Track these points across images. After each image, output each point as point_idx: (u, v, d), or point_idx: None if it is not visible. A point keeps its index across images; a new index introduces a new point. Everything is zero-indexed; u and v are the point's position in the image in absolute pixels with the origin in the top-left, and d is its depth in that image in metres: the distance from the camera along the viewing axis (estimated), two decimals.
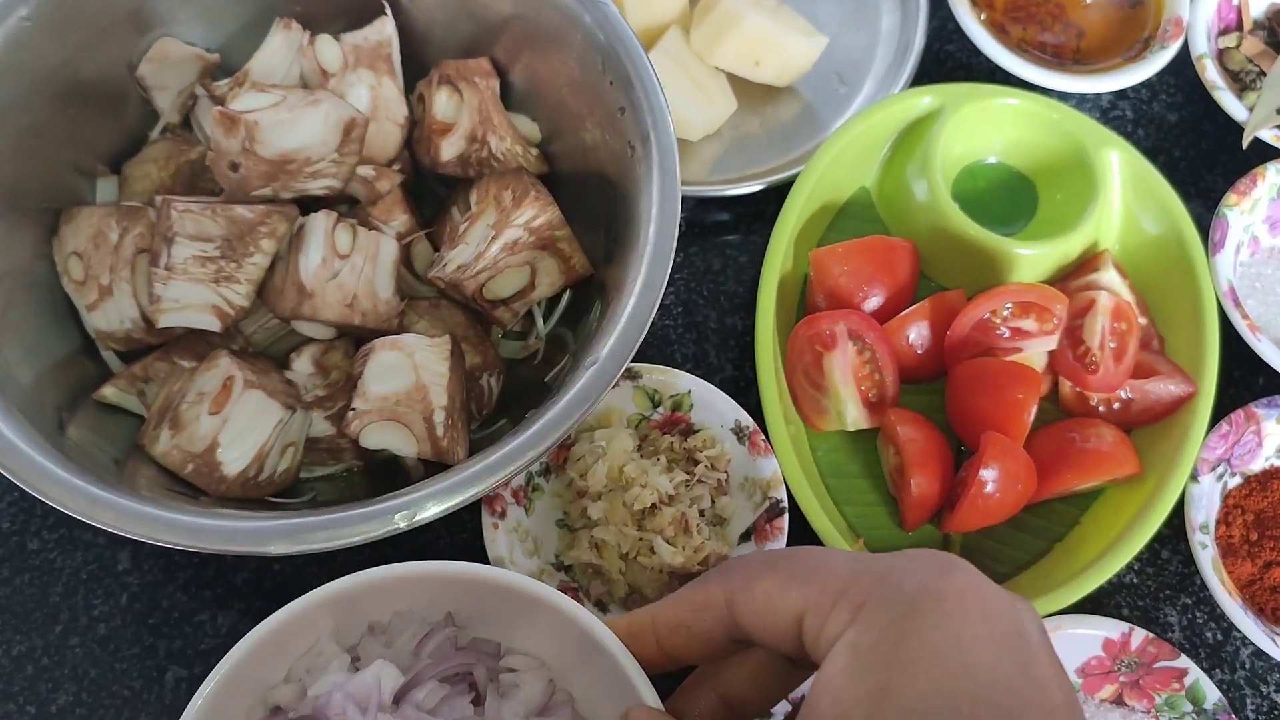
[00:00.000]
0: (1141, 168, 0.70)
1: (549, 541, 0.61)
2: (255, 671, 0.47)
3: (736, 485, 0.61)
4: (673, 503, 0.59)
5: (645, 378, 0.62)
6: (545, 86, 0.64)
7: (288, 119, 0.57)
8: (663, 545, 0.57)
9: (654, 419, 0.63)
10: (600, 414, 0.62)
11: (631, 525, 0.58)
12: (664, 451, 0.61)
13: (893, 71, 0.76)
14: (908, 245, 0.68)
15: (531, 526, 0.60)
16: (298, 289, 0.56)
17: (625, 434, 0.60)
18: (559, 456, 0.62)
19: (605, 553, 0.58)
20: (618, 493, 0.59)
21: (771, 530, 0.59)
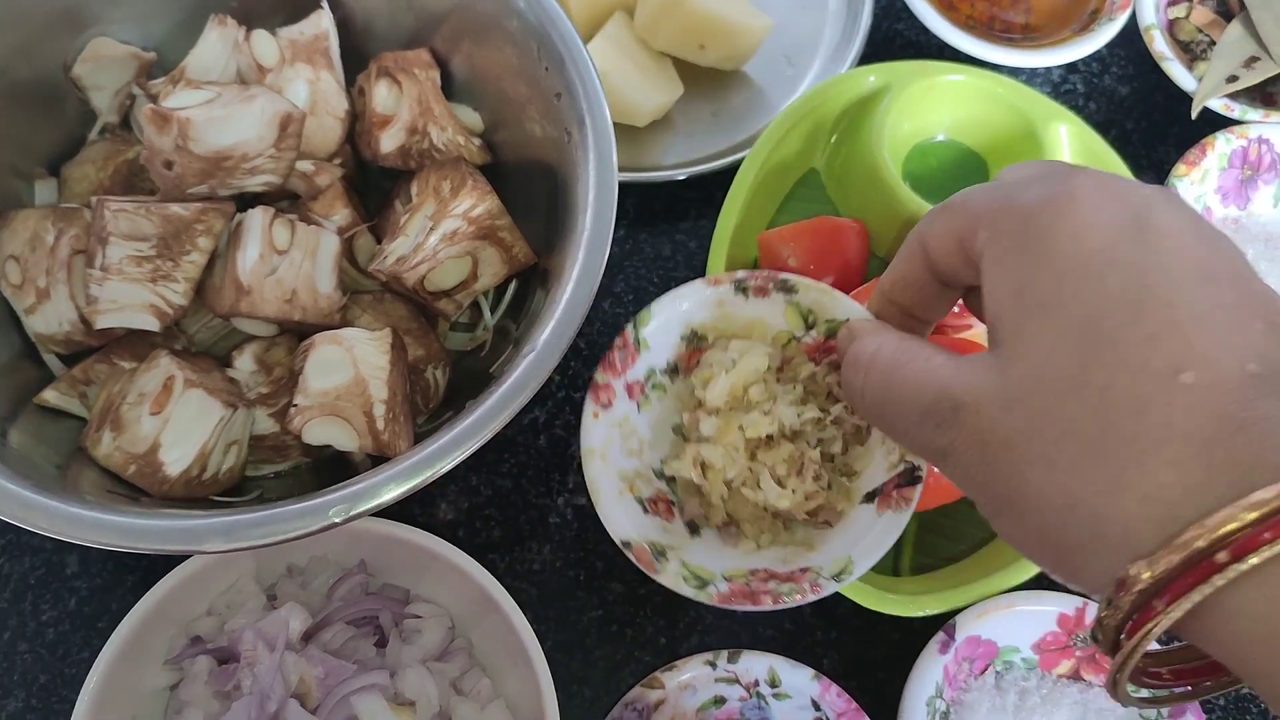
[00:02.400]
0: (1091, 140, 0.70)
1: (659, 445, 0.54)
2: (180, 603, 0.53)
3: (878, 437, 0.51)
4: (795, 439, 0.51)
5: (801, 294, 0.52)
6: (486, 76, 0.64)
7: (222, 116, 0.56)
8: (769, 482, 0.51)
9: (805, 341, 0.53)
10: (745, 325, 0.54)
11: (744, 452, 0.51)
12: (804, 380, 0.52)
13: (840, 51, 0.75)
14: (856, 225, 0.68)
15: (641, 425, 0.54)
16: (236, 286, 0.55)
17: (762, 351, 0.52)
18: (691, 359, 0.55)
19: (710, 474, 0.52)
20: (737, 413, 0.52)
21: (899, 498, 0.48)
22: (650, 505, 0.53)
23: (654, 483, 0.54)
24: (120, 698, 0.50)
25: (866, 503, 0.50)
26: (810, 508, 0.51)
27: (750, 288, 0.53)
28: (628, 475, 0.53)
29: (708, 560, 0.50)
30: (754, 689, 0.57)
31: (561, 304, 0.52)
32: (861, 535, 0.49)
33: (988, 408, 0.35)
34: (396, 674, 0.51)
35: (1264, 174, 0.71)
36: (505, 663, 0.53)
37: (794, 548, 0.51)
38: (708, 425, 0.52)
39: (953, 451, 0.36)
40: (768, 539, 0.52)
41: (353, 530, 0.53)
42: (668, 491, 0.54)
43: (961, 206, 0.38)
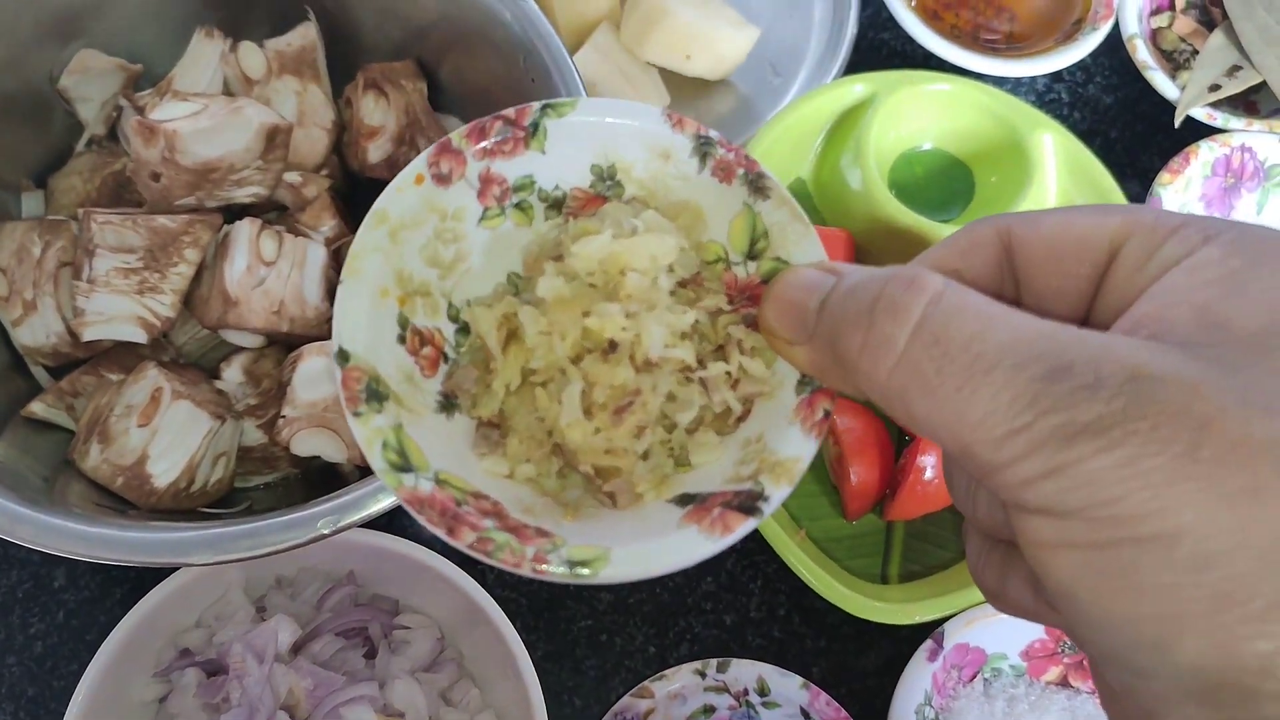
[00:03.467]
0: (1075, 150, 0.70)
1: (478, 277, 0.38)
2: (169, 615, 0.53)
3: (741, 436, 0.36)
4: (643, 372, 0.36)
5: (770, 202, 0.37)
6: (472, 87, 0.64)
7: (209, 127, 0.56)
8: (574, 399, 0.35)
9: (735, 268, 0.37)
10: (677, 205, 0.38)
11: (570, 346, 0.36)
12: (703, 309, 0.36)
13: (826, 61, 0.76)
14: (842, 234, 0.68)
15: (473, 237, 0.38)
16: (223, 298, 0.56)
17: (675, 242, 0.36)
18: (589, 204, 0.39)
19: (512, 348, 0.37)
20: (595, 295, 0.36)
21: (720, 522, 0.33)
22: (412, 338, 0.37)
23: (440, 318, 0.38)
24: (109, 710, 0.50)
25: (676, 505, 0.35)
26: (605, 463, 0.36)
27: (714, 156, 0.38)
28: (409, 282, 0.37)
29: (432, 448, 0.35)
30: (743, 697, 0.57)
31: None
32: (644, 537, 0.34)
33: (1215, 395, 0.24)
34: (386, 685, 0.51)
35: (1247, 182, 0.72)
36: (494, 673, 0.53)
37: (549, 501, 0.36)
38: (550, 285, 0.36)
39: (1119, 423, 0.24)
40: (528, 470, 0.37)
41: (341, 541, 0.53)
42: (449, 340, 0.38)
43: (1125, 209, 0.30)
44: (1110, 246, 0.29)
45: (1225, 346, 0.25)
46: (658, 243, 0.36)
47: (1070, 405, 0.24)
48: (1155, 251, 0.28)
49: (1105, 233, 0.29)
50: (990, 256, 0.31)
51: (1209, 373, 0.24)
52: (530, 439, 0.36)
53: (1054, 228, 0.30)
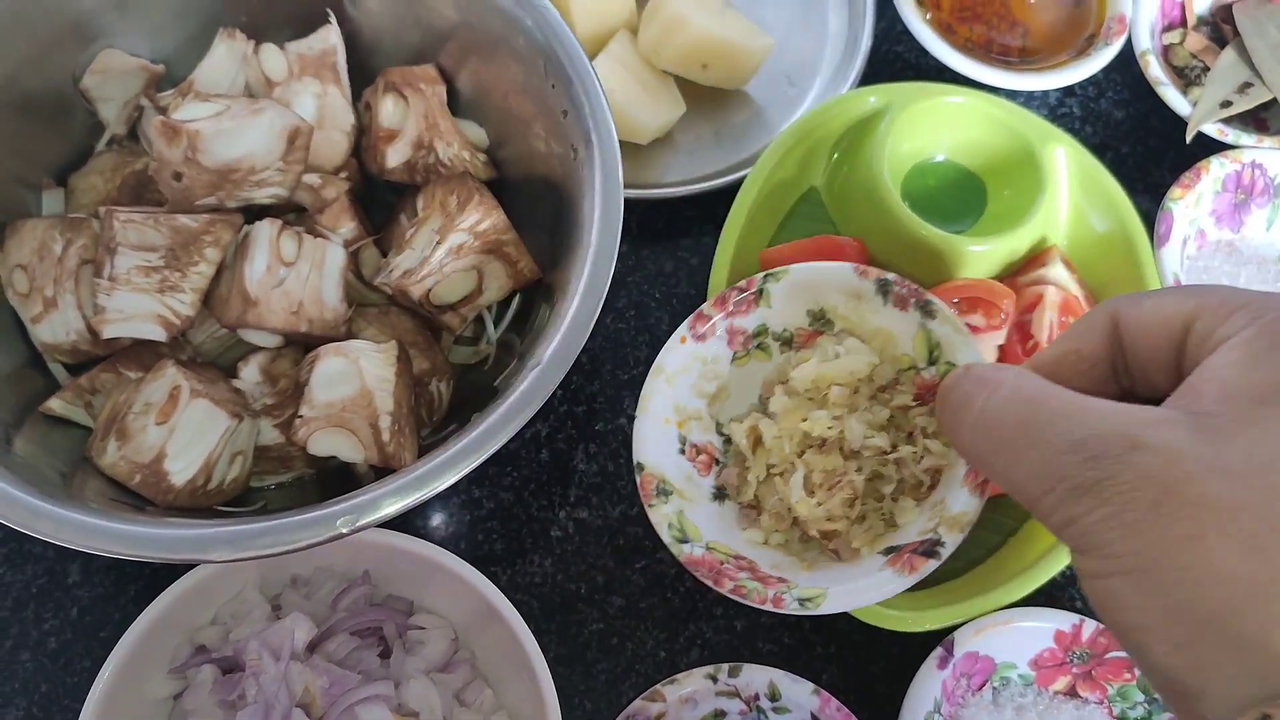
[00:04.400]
0: (1087, 163, 0.71)
1: (735, 402, 0.53)
2: (185, 613, 0.53)
3: (931, 501, 0.48)
4: (849, 458, 0.49)
5: (938, 321, 0.49)
6: (492, 92, 0.64)
7: (231, 128, 0.57)
8: (798, 483, 0.48)
9: (922, 375, 0.49)
10: (872, 331, 0.51)
11: (794, 444, 0.49)
12: (894, 407, 0.49)
13: (841, 72, 0.76)
14: (855, 244, 0.68)
15: (729, 375, 0.53)
16: (243, 297, 0.56)
17: (867, 360, 0.50)
18: (809, 338, 0.53)
19: (758, 450, 0.51)
20: (811, 405, 0.50)
21: (909, 564, 0.45)
22: (691, 449, 0.52)
23: (710, 433, 0.52)
24: (124, 706, 0.50)
25: (883, 555, 0.47)
26: (826, 528, 0.49)
27: (892, 292, 0.51)
28: (684, 410, 0.52)
29: (707, 526, 0.49)
30: (754, 702, 0.57)
31: (567, 319, 0.53)
32: (855, 579, 0.46)
33: (1188, 462, 0.31)
34: (400, 685, 0.51)
35: (1257, 198, 0.73)
36: (508, 674, 0.54)
37: (793, 560, 0.49)
38: (778, 402, 0.50)
39: (1109, 485, 0.32)
40: (778, 539, 0.50)
41: (357, 541, 0.53)
42: (719, 448, 0.52)
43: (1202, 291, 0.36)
44: (1185, 325, 0.36)
45: (1226, 416, 0.32)
46: (853, 362, 0.50)
47: (1079, 472, 0.33)
48: (1215, 329, 0.34)
49: (1184, 313, 0.36)
50: (1101, 336, 0.39)
51: (1196, 441, 0.32)
52: (777, 515, 0.50)
53: (1149, 309, 0.37)
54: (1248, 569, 0.30)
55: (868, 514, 0.49)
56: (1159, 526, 0.31)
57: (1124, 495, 0.32)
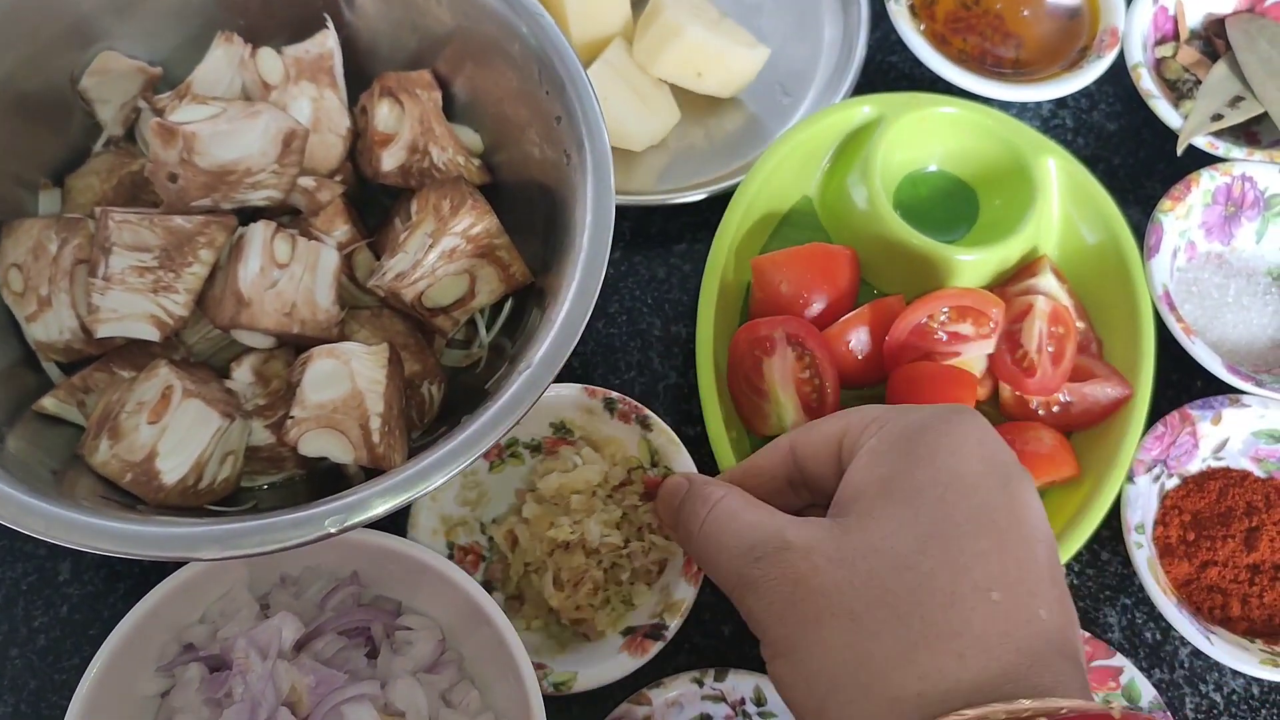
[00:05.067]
0: (1078, 174, 0.71)
1: (496, 503, 0.63)
2: (173, 611, 0.53)
3: (660, 584, 0.60)
4: (590, 554, 0.59)
5: (654, 433, 0.62)
6: (487, 98, 0.65)
7: (227, 130, 0.57)
8: (549, 580, 0.58)
9: (647, 474, 0.62)
10: (604, 439, 0.63)
11: (544, 545, 0.59)
12: (626, 507, 0.61)
13: (835, 82, 0.77)
14: (848, 252, 0.69)
15: (487, 481, 0.63)
16: (236, 298, 0.56)
17: (600, 469, 0.61)
18: (554, 445, 0.64)
19: (516, 550, 0.60)
20: (557, 510, 0.60)
21: (640, 645, 0.57)
22: (459, 552, 0.61)
23: (475, 534, 0.62)
24: (111, 703, 0.50)
25: (623, 635, 0.58)
26: (575, 616, 0.58)
27: (616, 409, 0.63)
28: (450, 520, 0.61)
29: None
30: (739, 707, 0.58)
31: (557, 322, 0.53)
32: (601, 660, 0.57)
33: (815, 556, 0.39)
34: (387, 684, 0.51)
35: (1247, 210, 0.73)
36: (494, 676, 0.54)
37: (552, 644, 0.59)
38: (529, 509, 0.60)
39: (762, 582, 0.40)
40: (539, 624, 0.60)
41: (346, 541, 0.53)
42: (484, 547, 0.62)
43: (854, 412, 0.44)
44: (838, 443, 0.44)
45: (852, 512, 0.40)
46: (588, 472, 0.61)
47: (748, 570, 0.41)
48: (856, 443, 0.43)
49: (837, 433, 0.44)
50: (781, 458, 0.47)
51: (827, 537, 0.40)
52: (536, 605, 0.60)
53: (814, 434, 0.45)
54: (851, 640, 0.37)
55: (610, 597, 0.59)
56: (795, 613, 0.39)
57: (772, 589, 0.40)
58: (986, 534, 0.38)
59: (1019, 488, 0.40)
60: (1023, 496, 0.40)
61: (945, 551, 0.38)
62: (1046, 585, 0.38)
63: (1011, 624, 0.37)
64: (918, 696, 0.36)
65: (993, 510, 0.39)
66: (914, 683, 0.36)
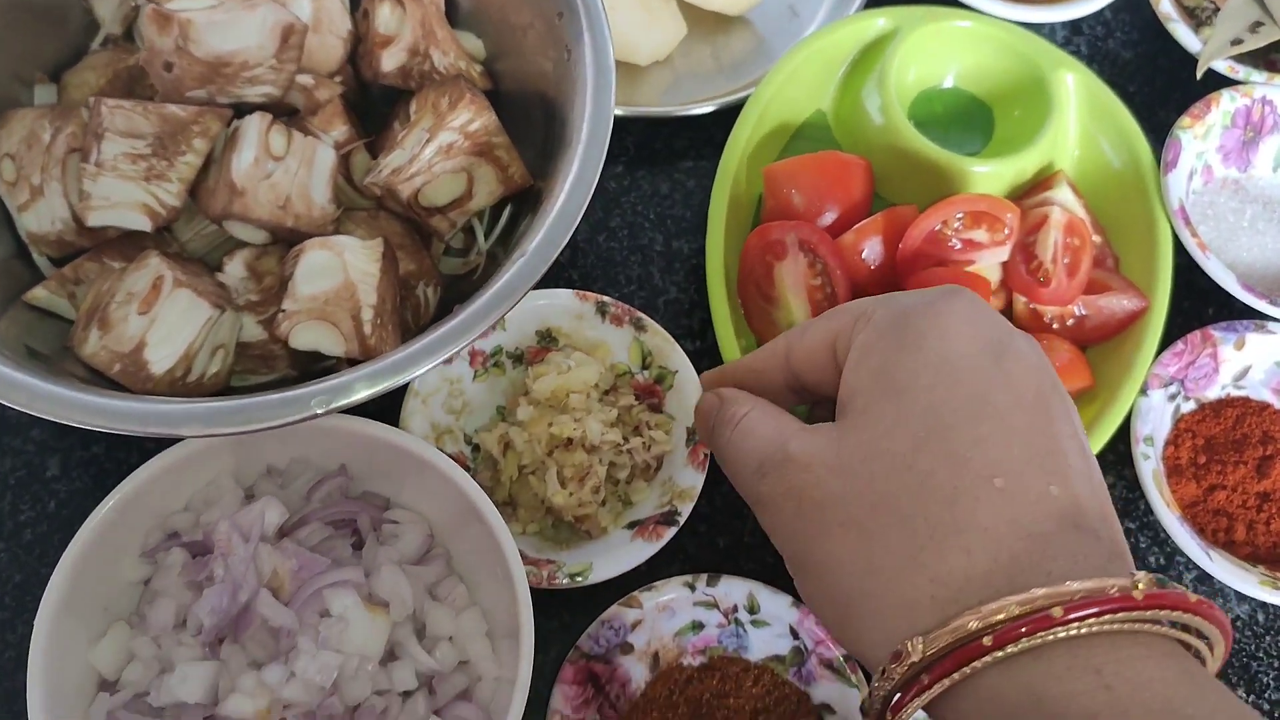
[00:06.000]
0: (1097, 89, 0.70)
1: (479, 415, 0.62)
2: (156, 497, 0.52)
3: (659, 479, 0.60)
4: (591, 452, 0.58)
5: (649, 334, 0.62)
6: (490, 4, 0.64)
7: (224, 20, 0.56)
8: (553, 478, 0.57)
9: (636, 377, 0.62)
10: (593, 342, 0.63)
11: (544, 446, 0.58)
12: (621, 408, 0.60)
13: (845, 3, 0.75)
14: (862, 162, 0.67)
15: (470, 391, 0.62)
16: (229, 188, 0.55)
17: (596, 368, 0.60)
18: (537, 354, 0.63)
19: (509, 454, 0.59)
20: (554, 411, 0.59)
21: (654, 532, 0.57)
22: None
23: (460, 444, 0.61)
24: (93, 587, 0.50)
25: (628, 529, 0.58)
26: (579, 513, 0.58)
27: (609, 313, 0.62)
28: (439, 427, 0.60)
29: None
30: (732, 614, 0.56)
31: (553, 212, 0.52)
32: (611, 551, 0.56)
33: (816, 467, 0.38)
34: (371, 574, 0.50)
35: (1265, 136, 0.71)
36: (484, 574, 0.53)
37: (552, 543, 0.59)
38: (524, 411, 0.59)
39: (769, 500, 0.39)
40: (535, 528, 0.59)
41: (336, 431, 0.53)
42: (469, 457, 0.61)
43: (843, 310, 0.42)
44: (831, 345, 0.41)
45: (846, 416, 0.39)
46: (585, 372, 0.60)
47: (757, 484, 0.40)
48: (849, 340, 0.40)
49: (830, 333, 0.42)
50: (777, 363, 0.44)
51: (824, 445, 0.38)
52: (531, 508, 0.59)
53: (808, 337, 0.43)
54: (858, 550, 0.36)
55: (608, 497, 0.59)
56: (802, 528, 0.38)
57: (777, 505, 0.39)
58: (984, 418, 0.36)
59: (1015, 360, 0.38)
60: (1020, 367, 0.38)
61: (943, 444, 0.36)
62: (1060, 458, 0.36)
63: (1019, 508, 0.35)
64: (930, 600, 0.34)
65: (988, 391, 0.37)
66: (925, 585, 0.34)
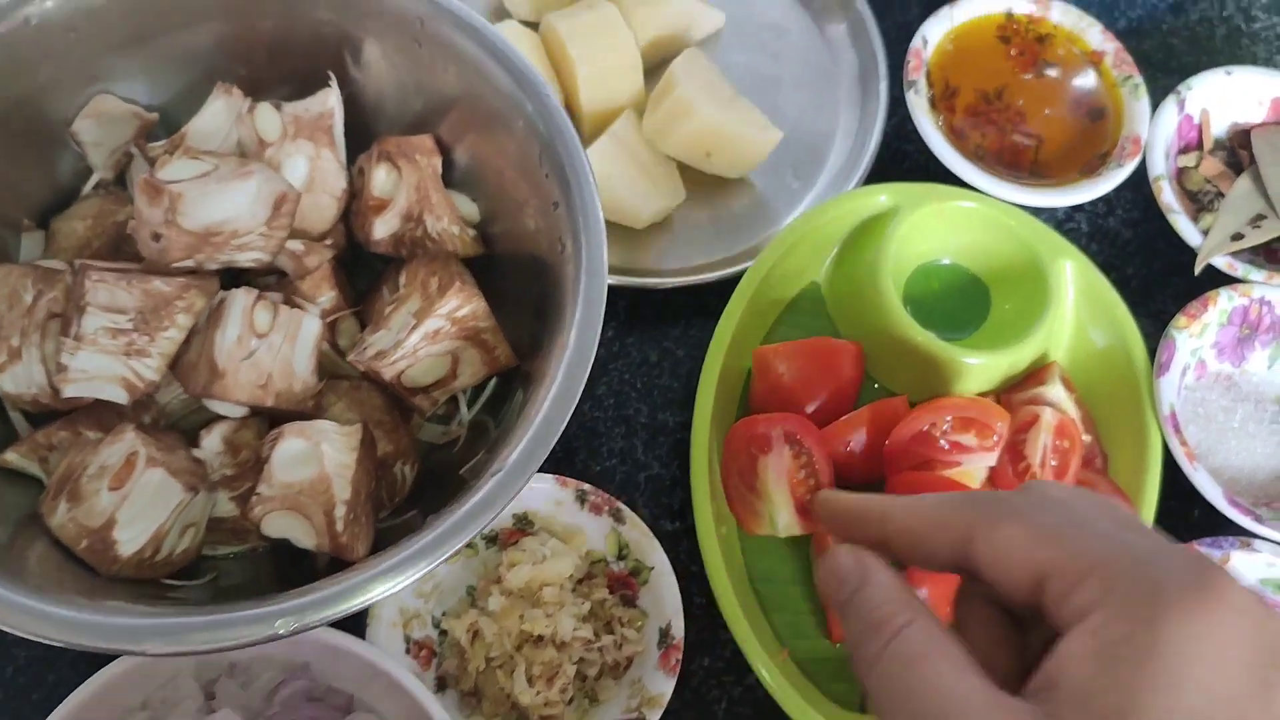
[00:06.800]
0: (1095, 280, 0.69)
1: (448, 595, 0.61)
2: (116, 694, 0.51)
3: (628, 679, 0.59)
4: (561, 649, 0.57)
5: (627, 527, 0.61)
6: (488, 168, 0.63)
7: (215, 190, 0.56)
8: (521, 676, 0.56)
9: (611, 568, 0.62)
10: (570, 529, 0.62)
11: (513, 638, 0.57)
12: (594, 601, 0.60)
13: (847, 169, 0.75)
14: (852, 348, 0.67)
15: (441, 572, 0.61)
16: (210, 367, 0.54)
17: (572, 560, 0.60)
18: (512, 536, 0.62)
19: (477, 644, 0.58)
20: (525, 603, 0.58)
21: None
22: (414, 647, 0.59)
23: (428, 628, 0.60)
24: None
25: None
26: (546, 713, 0.56)
27: (589, 500, 0.62)
28: (407, 612, 0.59)
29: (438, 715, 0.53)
30: None
31: (534, 425, 0.51)
32: None
33: None
34: None
35: (1262, 335, 0.71)
36: None
37: None
38: (495, 601, 0.58)
39: None
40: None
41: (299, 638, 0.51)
42: (436, 642, 0.60)
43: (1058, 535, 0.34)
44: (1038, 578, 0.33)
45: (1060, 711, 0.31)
46: (560, 564, 0.59)
47: None
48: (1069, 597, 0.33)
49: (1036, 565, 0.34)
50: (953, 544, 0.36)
51: None
52: (496, 701, 0.57)
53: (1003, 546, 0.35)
54: None
55: (575, 695, 0.58)
56: None
57: None
58: None
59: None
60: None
61: None
62: None
63: None
64: None
65: None
66: None
